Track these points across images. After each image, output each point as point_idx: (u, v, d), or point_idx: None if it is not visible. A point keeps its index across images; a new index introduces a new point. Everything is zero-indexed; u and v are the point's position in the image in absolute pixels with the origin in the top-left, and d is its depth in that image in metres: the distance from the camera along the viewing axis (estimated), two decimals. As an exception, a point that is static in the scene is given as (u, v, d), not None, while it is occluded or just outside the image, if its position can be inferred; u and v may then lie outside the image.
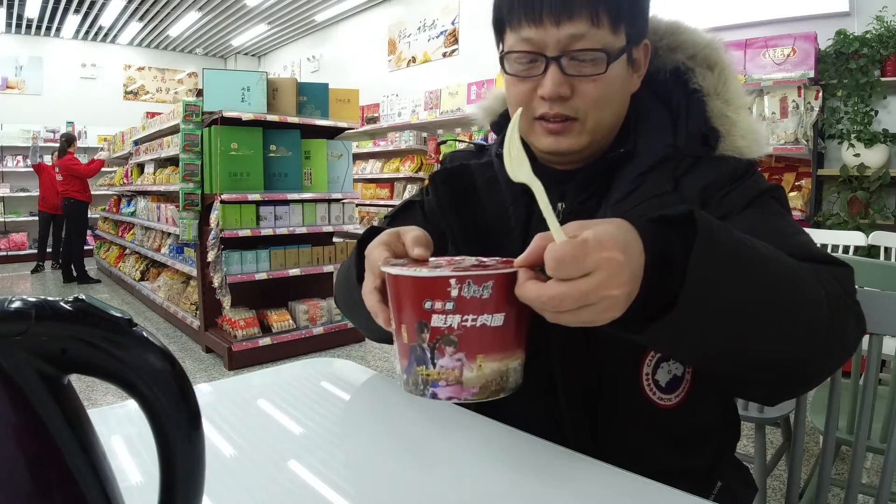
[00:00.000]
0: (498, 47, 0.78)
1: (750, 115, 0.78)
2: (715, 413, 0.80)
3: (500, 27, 0.76)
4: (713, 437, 0.80)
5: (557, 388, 0.74)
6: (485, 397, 0.52)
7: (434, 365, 0.51)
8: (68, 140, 6.35)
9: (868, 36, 3.33)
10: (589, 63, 0.70)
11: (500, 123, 0.92)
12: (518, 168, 0.54)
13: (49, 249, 7.26)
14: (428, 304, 0.50)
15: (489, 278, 0.50)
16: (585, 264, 0.45)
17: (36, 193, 7.38)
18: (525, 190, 0.80)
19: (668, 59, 0.81)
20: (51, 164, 6.80)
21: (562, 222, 0.70)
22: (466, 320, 0.50)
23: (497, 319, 0.51)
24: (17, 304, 0.32)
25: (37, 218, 7.27)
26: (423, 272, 0.50)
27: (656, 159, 0.74)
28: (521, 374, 0.54)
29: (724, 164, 0.74)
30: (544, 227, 0.66)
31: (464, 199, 0.85)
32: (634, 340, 0.53)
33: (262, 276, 3.56)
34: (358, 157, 6.86)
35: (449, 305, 0.50)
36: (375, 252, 0.58)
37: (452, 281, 0.49)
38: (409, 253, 0.57)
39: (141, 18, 8.35)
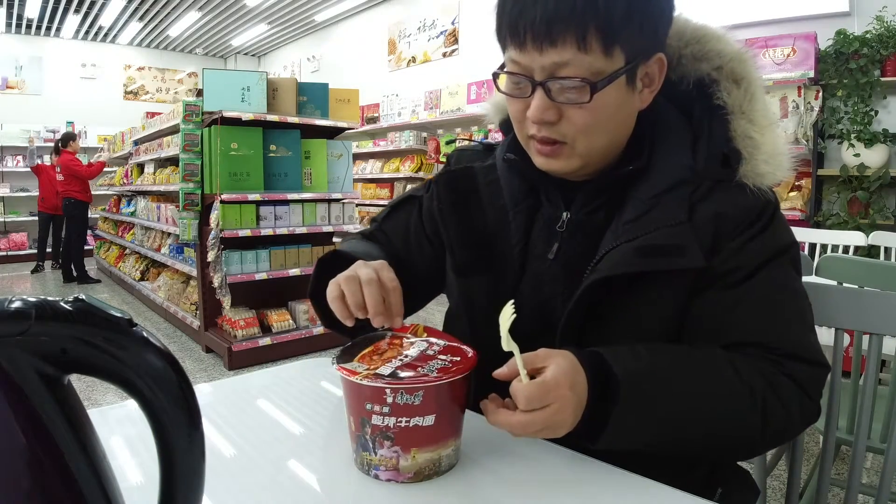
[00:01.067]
0: (503, 53, 0.76)
1: (776, 135, 0.74)
2: None
3: (499, 38, 0.73)
4: None
5: None
6: (419, 480, 0.62)
7: (375, 453, 0.61)
8: (65, 139, 6.33)
9: (868, 36, 3.33)
10: (573, 91, 0.67)
11: (508, 122, 0.89)
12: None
13: (49, 249, 7.26)
14: (368, 406, 0.60)
15: (420, 388, 0.58)
16: (546, 400, 0.58)
17: (36, 193, 7.37)
18: (527, 196, 0.80)
19: (692, 69, 0.76)
20: (50, 163, 6.79)
21: (566, 232, 0.80)
22: (401, 422, 0.59)
23: (428, 420, 0.60)
24: (17, 304, 0.32)
25: (37, 218, 7.27)
26: (363, 381, 0.59)
27: (674, 181, 0.72)
28: (457, 454, 0.65)
29: (742, 196, 0.71)
30: (545, 237, 0.80)
31: (464, 203, 0.84)
32: (590, 447, 0.64)
33: (262, 276, 3.56)
34: (358, 157, 6.86)
35: (385, 409, 0.59)
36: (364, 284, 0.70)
37: (388, 390, 0.58)
38: (388, 320, 0.70)
39: (141, 18, 8.35)
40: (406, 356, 0.64)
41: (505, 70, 0.71)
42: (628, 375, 0.62)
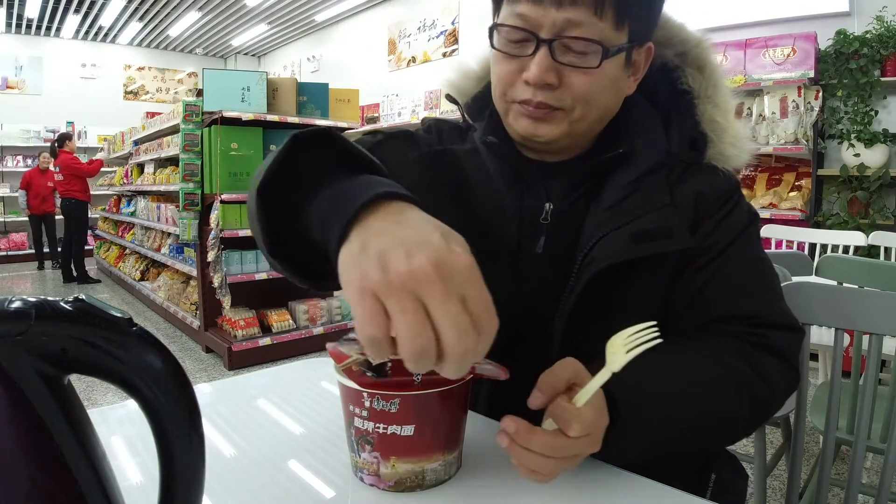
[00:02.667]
0: (494, 14, 0.72)
1: (738, 121, 0.77)
2: None
3: None
4: None
5: None
6: (401, 490, 0.58)
7: (360, 456, 0.59)
8: (61, 140, 6.33)
9: (868, 36, 3.33)
10: (581, 54, 0.65)
11: (474, 109, 0.84)
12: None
13: (46, 249, 7.27)
14: (351, 408, 0.58)
15: (395, 397, 0.55)
16: (591, 427, 0.56)
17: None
18: (518, 179, 0.77)
19: (657, 54, 0.75)
20: (45, 168, 6.81)
21: (552, 224, 0.77)
22: (378, 427, 0.56)
23: (407, 430, 0.56)
24: (17, 304, 0.32)
25: (37, 218, 7.30)
26: (343, 379, 0.56)
27: (651, 164, 0.72)
28: (447, 469, 0.60)
29: (716, 177, 0.73)
30: (530, 230, 0.77)
31: (456, 190, 0.79)
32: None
33: (262, 276, 3.56)
34: (358, 157, 6.86)
35: (364, 413, 0.56)
36: None
37: (365, 394, 0.55)
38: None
39: (141, 18, 8.35)
40: None
41: (506, 24, 0.66)
42: (628, 401, 0.60)
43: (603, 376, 0.56)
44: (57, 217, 7.00)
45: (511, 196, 0.77)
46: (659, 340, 0.55)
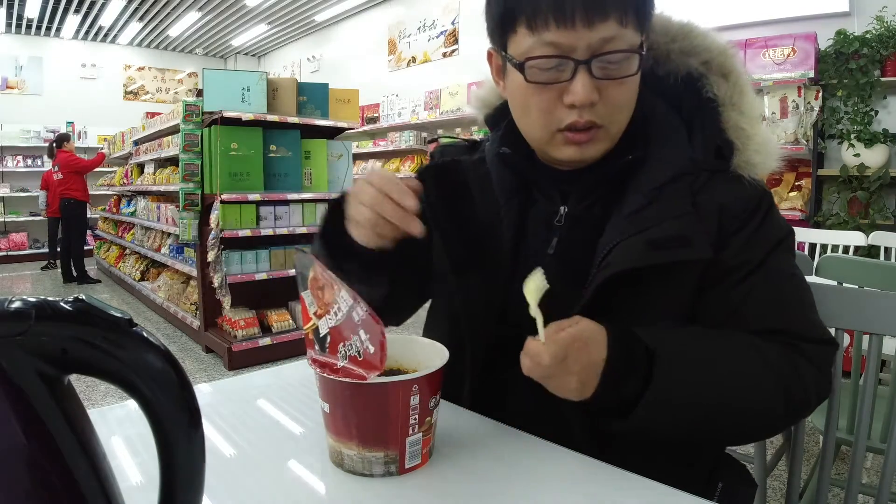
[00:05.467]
0: (498, 45, 0.73)
1: (764, 127, 0.76)
2: None
3: (508, 25, 0.69)
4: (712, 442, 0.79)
5: (564, 412, 0.73)
6: (332, 462, 0.65)
7: None
8: (59, 140, 6.33)
9: (868, 36, 3.33)
10: (618, 65, 0.67)
11: (496, 117, 0.87)
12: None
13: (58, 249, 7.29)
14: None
15: (314, 365, 0.63)
16: (568, 347, 0.60)
17: (36, 193, 7.39)
18: (518, 192, 0.80)
19: (680, 64, 0.77)
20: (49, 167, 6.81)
21: (565, 227, 0.80)
22: (317, 392, 0.64)
23: (325, 406, 0.64)
24: (17, 304, 0.32)
25: (37, 218, 7.31)
26: (313, 354, 0.64)
27: (675, 172, 0.72)
28: (366, 466, 0.62)
29: (740, 186, 0.72)
30: (543, 232, 0.81)
31: (455, 196, 0.82)
32: (616, 430, 0.65)
33: (262, 276, 3.56)
34: (358, 157, 6.86)
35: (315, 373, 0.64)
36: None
37: (308, 361, 0.65)
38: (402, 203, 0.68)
39: (141, 18, 8.35)
40: (338, 310, 0.62)
41: (540, 56, 0.67)
42: (663, 354, 0.63)
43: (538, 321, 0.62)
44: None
45: (514, 201, 0.80)
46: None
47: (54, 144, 6.32)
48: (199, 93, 3.66)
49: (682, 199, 0.71)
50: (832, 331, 0.91)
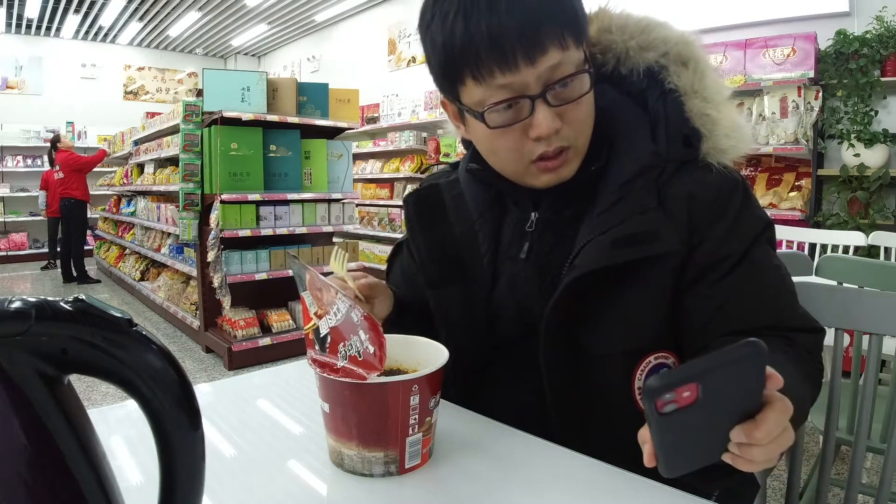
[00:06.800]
0: (450, 96, 0.74)
1: (733, 110, 0.75)
2: None
3: (455, 78, 0.70)
4: None
5: (549, 409, 0.74)
6: (332, 462, 0.66)
7: None
8: (54, 142, 6.31)
9: (868, 36, 3.33)
10: (571, 87, 0.68)
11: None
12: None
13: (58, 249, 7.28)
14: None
15: (314, 365, 0.64)
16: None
17: (36, 193, 7.38)
18: (492, 205, 0.84)
19: (640, 60, 0.77)
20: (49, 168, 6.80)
21: (536, 231, 0.82)
22: (318, 392, 0.65)
23: (325, 406, 0.64)
24: (17, 304, 0.32)
25: (37, 218, 7.29)
26: (313, 354, 0.66)
27: (640, 167, 0.72)
28: (366, 466, 0.63)
29: (709, 174, 0.72)
30: (516, 239, 0.84)
31: (432, 220, 0.85)
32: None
33: (262, 276, 3.55)
34: (358, 157, 6.86)
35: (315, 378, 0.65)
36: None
37: (309, 360, 0.65)
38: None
39: (141, 18, 8.35)
40: (338, 311, 0.62)
41: (491, 105, 0.68)
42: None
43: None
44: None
45: (488, 214, 0.83)
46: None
47: (51, 148, 6.31)
48: (199, 93, 3.66)
49: (647, 193, 0.71)
50: (832, 331, 0.91)
